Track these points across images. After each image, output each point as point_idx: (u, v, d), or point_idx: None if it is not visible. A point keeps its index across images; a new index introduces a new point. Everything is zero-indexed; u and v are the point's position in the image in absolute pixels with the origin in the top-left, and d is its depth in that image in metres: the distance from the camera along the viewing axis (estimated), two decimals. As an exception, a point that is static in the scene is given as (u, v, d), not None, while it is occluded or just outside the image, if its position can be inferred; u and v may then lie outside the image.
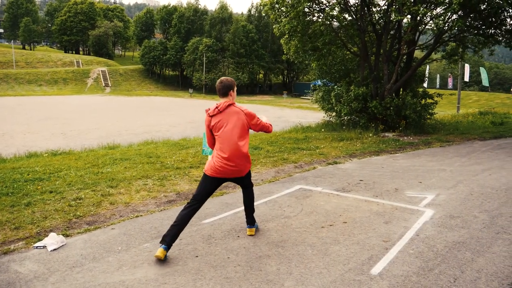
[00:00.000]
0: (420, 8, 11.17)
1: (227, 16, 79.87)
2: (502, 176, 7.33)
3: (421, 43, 15.62)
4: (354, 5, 14.57)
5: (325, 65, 16.22)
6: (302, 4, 12.65)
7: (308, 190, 6.38)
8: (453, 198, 5.91)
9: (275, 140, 11.30)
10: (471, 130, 14.50)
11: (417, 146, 11.09)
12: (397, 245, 4.19)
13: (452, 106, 30.87)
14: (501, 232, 4.56)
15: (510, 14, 12.38)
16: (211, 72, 75.13)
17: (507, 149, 10.57)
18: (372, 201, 5.77)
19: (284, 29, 13.94)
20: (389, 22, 13.40)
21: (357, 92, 13.34)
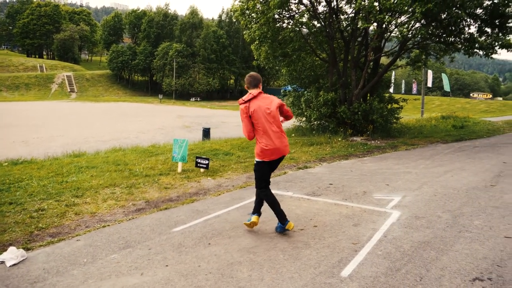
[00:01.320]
0: (385, 17, 11.52)
1: (198, 22, 79.62)
2: (463, 177, 7.64)
3: (387, 50, 16.11)
4: (323, 12, 14.87)
5: (295, 71, 16.43)
6: (272, 10, 12.79)
7: (279, 195, 6.41)
8: (418, 199, 6.10)
9: (246, 146, 11.31)
10: (434, 133, 15.02)
11: (384, 150, 11.39)
12: (366, 247, 4.28)
13: (417, 111, 31.89)
14: (463, 230, 4.74)
15: (468, 23, 12.97)
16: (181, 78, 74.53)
17: (467, 151, 11.02)
18: (341, 204, 5.87)
19: (255, 35, 14.03)
20: (357, 30, 13.75)
21: (326, 98, 13.59)
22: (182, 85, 73.89)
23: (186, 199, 6.23)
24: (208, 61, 74.88)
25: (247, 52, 73.79)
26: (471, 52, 13.00)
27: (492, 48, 12.56)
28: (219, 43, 75.83)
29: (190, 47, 76.19)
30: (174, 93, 73.91)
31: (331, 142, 12.19)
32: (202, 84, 75.25)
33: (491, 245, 4.31)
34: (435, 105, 55.08)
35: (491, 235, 4.59)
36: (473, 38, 12.77)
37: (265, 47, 14.98)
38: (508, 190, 6.64)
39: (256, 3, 13.40)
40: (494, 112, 44.03)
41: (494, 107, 51.73)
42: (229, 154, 9.92)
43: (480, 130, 16.23)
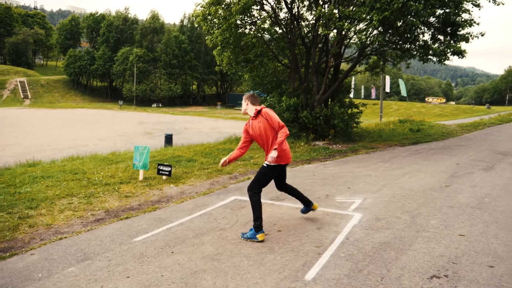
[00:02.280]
0: (344, 24, 11.85)
1: (159, 26, 78.60)
2: (420, 179, 7.95)
3: (346, 56, 16.55)
4: (284, 19, 15.10)
5: (258, 77, 16.54)
6: (234, 16, 12.84)
7: (243, 200, 6.41)
8: (378, 201, 6.28)
9: (209, 152, 11.24)
10: (393, 137, 15.57)
11: (345, 154, 11.66)
12: (329, 249, 4.35)
13: (376, 115, 32.96)
14: (420, 230, 4.93)
15: (422, 31, 13.57)
16: (142, 83, 73.20)
17: (423, 154, 11.49)
18: (304, 208, 5.94)
19: (217, 41, 14.03)
20: (317, 36, 14.05)
21: (289, 103, 13.76)
22: (143, 91, 72.55)
23: (148, 207, 6.10)
24: (170, 67, 74.02)
25: (209, 58, 73.58)
26: (426, 58, 13.60)
27: (444, 55, 13.21)
28: (181, 48, 75.17)
29: (151, 52, 75.05)
30: (135, 99, 72.40)
31: (294, 147, 12.34)
32: (164, 89, 74.22)
33: (446, 243, 4.51)
34: (393, 110, 57.18)
35: (447, 234, 4.80)
36: (427, 45, 13.38)
37: (227, 52, 15.00)
38: (461, 190, 6.98)
39: (218, 9, 13.41)
40: (447, 116, 46.30)
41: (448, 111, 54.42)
42: (192, 161, 9.82)
43: (435, 133, 16.98)
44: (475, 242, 4.52)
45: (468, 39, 12.98)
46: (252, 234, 4.64)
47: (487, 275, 3.71)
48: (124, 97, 72.16)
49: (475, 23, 12.57)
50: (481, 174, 8.46)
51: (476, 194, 6.72)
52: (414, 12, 11.41)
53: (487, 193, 6.79)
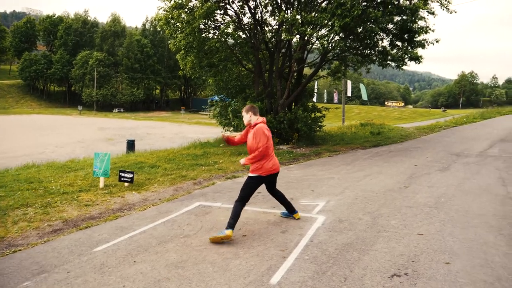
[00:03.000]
0: (307, 29, 12.07)
1: (120, 30, 76.89)
2: (381, 180, 8.19)
3: (309, 61, 16.84)
4: (248, 24, 15.18)
5: (222, 81, 16.52)
6: (197, 20, 12.76)
7: (208, 206, 6.36)
8: (341, 203, 6.41)
9: (173, 157, 11.08)
10: (354, 140, 15.97)
11: (309, 157, 11.83)
12: (294, 252, 4.38)
13: (338, 119, 33.65)
14: (381, 230, 5.07)
15: (381, 37, 14.04)
16: (103, 88, 71.26)
17: (384, 156, 11.86)
18: (269, 212, 5.97)
19: (180, 45, 13.89)
20: (281, 41, 14.21)
21: (253, 107, 13.80)
22: (104, 95, 70.62)
23: (109, 215, 5.92)
24: (132, 71, 72.53)
25: (173, 62, 72.71)
26: (385, 63, 14.07)
27: (402, 60, 13.72)
28: (143, 52, 73.86)
29: (112, 56, 73.24)
30: (95, 104, 70.33)
31: (259, 151, 12.34)
32: (125, 94, 72.55)
33: (406, 242, 4.66)
34: (354, 113, 58.71)
35: (406, 233, 4.96)
36: (386, 51, 13.85)
37: (191, 57, 14.89)
38: (419, 191, 7.25)
39: (181, 13, 13.30)
40: (406, 119, 48.06)
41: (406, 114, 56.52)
42: (155, 167, 9.64)
43: (395, 136, 17.56)
44: (433, 241, 4.70)
45: (424, 45, 13.55)
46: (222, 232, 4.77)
47: (444, 272, 3.86)
48: (83, 102, 69.90)
49: (430, 30, 13.14)
50: (438, 174, 8.83)
51: (433, 194, 7.00)
52: (373, 19, 11.79)
53: (443, 193, 7.09)
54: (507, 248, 4.47)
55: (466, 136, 17.05)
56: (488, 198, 6.68)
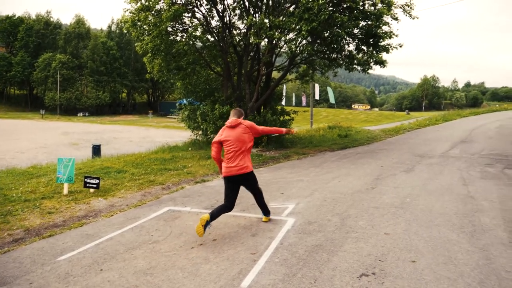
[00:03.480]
0: (275, 33, 12.17)
1: (85, 31, 74.85)
2: (349, 182, 8.35)
3: (278, 65, 16.98)
4: (216, 27, 15.14)
5: (190, 84, 16.39)
6: (164, 23, 12.61)
7: (177, 211, 6.28)
8: (310, 205, 6.49)
9: (140, 162, 10.87)
10: (323, 142, 16.21)
11: (278, 160, 11.91)
12: (264, 255, 4.39)
13: (306, 122, 34.11)
14: (350, 231, 5.16)
15: (347, 42, 14.36)
16: (67, 91, 69.08)
17: (351, 158, 12.11)
18: (239, 215, 5.96)
19: (147, 48, 13.68)
20: (249, 45, 14.26)
21: (222, 111, 13.78)
22: (68, 99, 68.45)
23: (74, 223, 5.74)
24: (97, 74, 70.70)
25: (140, 65, 71.45)
26: (351, 67, 14.39)
27: (368, 64, 14.08)
28: (109, 55, 72.16)
29: (77, 58, 71.18)
30: (58, 108, 68.03)
31: (228, 155, 12.33)
32: (91, 98, 70.62)
33: (373, 242, 4.77)
34: (322, 116, 59.65)
35: (374, 233, 5.08)
36: (352, 55, 14.18)
37: (158, 60, 14.70)
38: (385, 191, 7.44)
39: (148, 15, 13.11)
40: (372, 122, 49.29)
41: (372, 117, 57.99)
42: (122, 172, 9.42)
43: (361, 138, 17.96)
44: (399, 240, 4.84)
45: (388, 50, 13.96)
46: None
47: (410, 270, 3.98)
48: (46, 106, 67.43)
49: (394, 35, 13.57)
50: (403, 175, 9.10)
51: (398, 194, 7.20)
52: (339, 24, 12.05)
53: (408, 193, 7.32)
54: (469, 245, 4.66)
55: (429, 138, 17.67)
56: (450, 198, 6.94)
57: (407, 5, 13.59)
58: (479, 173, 9.34)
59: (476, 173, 9.27)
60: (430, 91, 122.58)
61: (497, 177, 8.83)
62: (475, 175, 9.09)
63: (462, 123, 24.33)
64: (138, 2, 13.13)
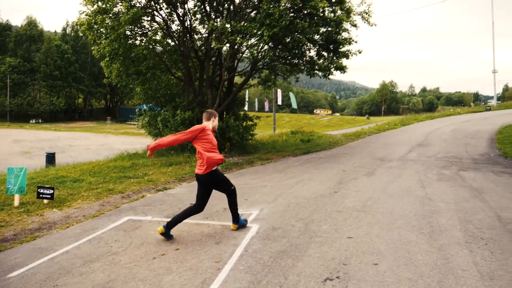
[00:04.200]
0: (237, 38, 12.21)
1: (37, 34, 71.93)
2: (312, 187, 8.47)
3: (240, 70, 17.04)
4: (177, 31, 14.99)
5: (150, 90, 16.10)
6: (123, 26, 12.34)
7: (137, 220, 6.11)
8: (275, 211, 6.52)
9: (98, 170, 10.53)
10: (286, 147, 16.39)
11: (241, 166, 11.91)
12: (228, 263, 4.35)
13: (269, 127, 34.37)
14: (313, 236, 5.22)
15: (309, 48, 14.65)
16: (18, 97, 65.98)
17: (313, 163, 12.30)
18: (203, 223, 5.89)
19: (104, 52, 13.33)
20: (211, 49, 14.22)
21: (184, 117, 13.62)
22: (19, 105, 65.39)
23: (26, 236, 5.45)
24: (51, 78, 68.09)
25: (97, 69, 69.50)
26: (312, 73, 14.69)
27: (328, 70, 14.42)
28: (64, 59, 69.73)
29: (28, 62, 68.23)
30: (8, 115, 64.79)
31: (190, 161, 12.22)
32: (44, 103, 67.85)
33: (337, 246, 4.85)
34: (285, 122, 60.35)
35: (337, 237, 5.16)
36: (313, 61, 14.47)
37: (116, 64, 14.35)
38: (347, 195, 7.60)
39: (105, 18, 12.78)
40: (334, 126, 50.40)
41: (334, 121, 59.33)
42: (78, 181, 9.08)
43: (324, 143, 18.31)
44: (362, 243, 4.94)
45: (348, 56, 14.37)
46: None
47: (372, 273, 4.07)
48: (-5, 113, 64.08)
49: (353, 41, 14.01)
50: (364, 179, 9.34)
51: (360, 198, 7.38)
52: (300, 30, 12.27)
53: (370, 196, 7.52)
54: (428, 246, 4.83)
55: (388, 142, 18.29)
56: (410, 200, 7.19)
57: (366, 12, 14.08)
58: (435, 175, 9.75)
59: (433, 176, 9.68)
60: (388, 96, 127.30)
61: (452, 179, 9.26)
62: (432, 177, 9.49)
63: (419, 127, 25.37)
64: (95, 4, 12.77)
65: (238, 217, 5.57)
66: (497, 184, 8.56)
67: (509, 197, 7.33)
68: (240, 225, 5.58)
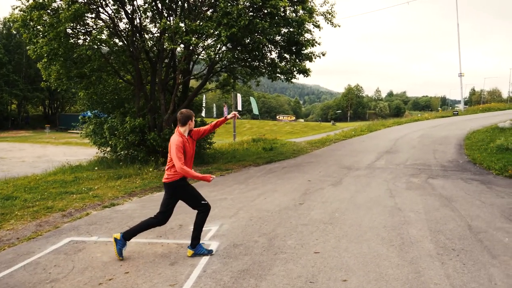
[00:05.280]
0: (192, 38, 12.13)
1: (-39, 31, 68.25)
2: (275, 198, 8.52)
3: (196, 73, 16.94)
4: (125, 30, 14.69)
5: (96, 94, 15.66)
6: (63, 24, 11.94)
7: (81, 241, 5.88)
8: (235, 226, 6.48)
9: (35, 186, 10.07)
10: (247, 157, 16.42)
11: (199, 178, 11.77)
12: (185, 286, 4.27)
13: (229, 135, 34.39)
14: (278, 252, 5.23)
15: (270, 49, 14.82)
16: None
17: (277, 173, 12.39)
18: (156, 242, 5.76)
19: (42, 52, 12.81)
20: (163, 50, 14.03)
21: (134, 124, 13.33)
22: None
23: None
24: (-21, 82, 64.67)
25: (33, 71, 66.76)
26: (274, 76, 14.86)
27: (291, 73, 14.64)
28: (-6, 59, 66.48)
29: (-50, 62, 64.51)
30: None
31: (141, 174, 11.97)
32: (-30, 110, 64.27)
33: (303, 262, 4.87)
34: (246, 128, 60.54)
35: (303, 253, 5.20)
36: (274, 63, 14.65)
37: (56, 66, 13.85)
38: (314, 207, 7.70)
39: (43, 14, 12.32)
40: (298, 133, 51.14)
41: (298, 128, 60.21)
42: (11, 198, 8.64)
43: (287, 151, 18.50)
44: (329, 258, 5.00)
45: (311, 58, 14.67)
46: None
47: (341, 290, 4.12)
48: None
49: (317, 43, 14.31)
50: (331, 189, 9.51)
51: (327, 209, 7.49)
52: (260, 30, 12.39)
53: (337, 207, 7.65)
54: (398, 259, 4.96)
55: (355, 149, 18.76)
56: (378, 210, 7.38)
57: (329, 13, 14.44)
58: (404, 184, 10.08)
59: (402, 184, 10.00)
60: (354, 100, 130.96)
61: (421, 187, 9.60)
62: (401, 186, 9.80)
63: (386, 133, 26.20)
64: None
65: (199, 242, 5.24)
66: (466, 191, 8.97)
67: (479, 205, 7.70)
68: (199, 253, 5.19)
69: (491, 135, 18.43)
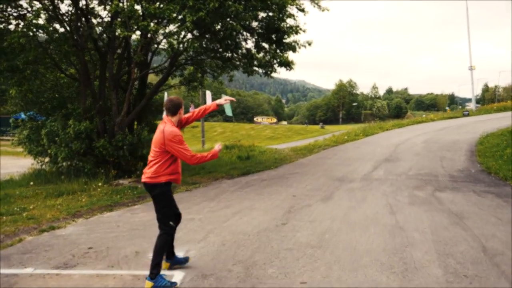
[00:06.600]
0: (150, 24, 12.07)
1: None
2: (253, 218, 8.51)
3: (155, 66, 16.86)
4: (68, 13, 14.49)
5: (31, 92, 15.38)
6: (-12, 5, 11.73)
7: (12, 275, 5.73)
8: (205, 252, 6.44)
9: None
10: (218, 167, 16.37)
11: (160, 193, 11.67)
12: (142, 328, 4.21)
13: (197, 140, 34.27)
14: (257, 283, 5.21)
15: (245, 37, 14.87)
16: None
17: (255, 187, 12.40)
18: (106, 274, 5.67)
19: (-38, 40, 12.56)
20: (115, 39, 13.92)
21: (79, 128, 13.14)
22: None
23: None
24: None
25: (-48, 64, 65.31)
26: (250, 70, 14.91)
27: (271, 66, 14.72)
28: None
29: None
30: None
31: (88, 189, 11.79)
32: None
33: (287, 295, 4.87)
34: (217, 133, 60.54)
35: (287, 283, 5.20)
36: (251, 54, 14.70)
37: (-20, 57, 13.58)
38: (299, 228, 7.72)
39: (-37, -6, 12.08)
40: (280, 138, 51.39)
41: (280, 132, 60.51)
42: None
43: (267, 160, 18.56)
44: (318, 289, 5.01)
45: (295, 48, 14.77)
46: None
47: (332, 328, 4.12)
48: None
49: (301, 30, 14.43)
50: (320, 205, 9.56)
51: (315, 230, 7.52)
52: (233, 14, 12.41)
53: (327, 227, 7.68)
54: (400, 288, 5.01)
55: (348, 156, 18.95)
56: (377, 230, 7.45)
57: (315, -7, 14.61)
58: (407, 198, 10.23)
59: (404, 198, 10.14)
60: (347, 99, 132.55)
61: (427, 201, 9.76)
62: (403, 200, 9.94)
63: (385, 138, 26.60)
64: None
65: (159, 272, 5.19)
66: (480, 207, 9.16)
67: (495, 222, 7.86)
68: (159, 286, 5.12)
69: (508, 140, 18.83)
